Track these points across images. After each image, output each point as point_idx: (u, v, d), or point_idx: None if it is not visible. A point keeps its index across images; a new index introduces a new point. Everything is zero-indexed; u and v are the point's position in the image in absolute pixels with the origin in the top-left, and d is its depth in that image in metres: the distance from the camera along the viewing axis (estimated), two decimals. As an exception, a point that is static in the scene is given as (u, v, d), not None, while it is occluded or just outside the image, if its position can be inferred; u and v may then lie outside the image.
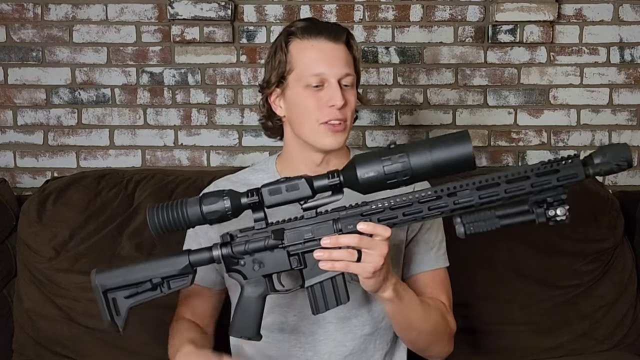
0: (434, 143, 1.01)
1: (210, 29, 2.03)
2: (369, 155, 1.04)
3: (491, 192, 1.00)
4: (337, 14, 2.06)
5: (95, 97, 2.08)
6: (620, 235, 1.77)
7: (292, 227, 1.09)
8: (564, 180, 0.98)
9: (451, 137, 1.01)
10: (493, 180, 1.00)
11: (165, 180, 1.79)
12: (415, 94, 2.10)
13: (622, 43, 2.09)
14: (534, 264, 1.72)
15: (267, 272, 1.11)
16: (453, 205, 1.02)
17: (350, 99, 1.27)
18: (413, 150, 1.01)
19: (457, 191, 1.01)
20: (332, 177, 1.07)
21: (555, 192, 0.98)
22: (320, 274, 1.09)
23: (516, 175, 0.99)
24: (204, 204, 1.07)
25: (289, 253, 1.09)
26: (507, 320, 1.70)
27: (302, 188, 1.06)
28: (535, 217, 0.99)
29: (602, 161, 0.97)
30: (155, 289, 1.12)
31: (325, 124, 1.25)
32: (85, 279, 1.65)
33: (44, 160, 2.10)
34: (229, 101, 2.09)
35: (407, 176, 1.02)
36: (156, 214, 1.07)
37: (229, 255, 1.10)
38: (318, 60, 1.26)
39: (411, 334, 1.25)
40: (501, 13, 2.02)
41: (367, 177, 1.02)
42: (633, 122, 2.12)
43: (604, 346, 1.72)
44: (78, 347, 1.66)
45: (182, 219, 1.07)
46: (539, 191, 0.98)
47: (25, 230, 1.71)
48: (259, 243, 1.09)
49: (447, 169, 1.01)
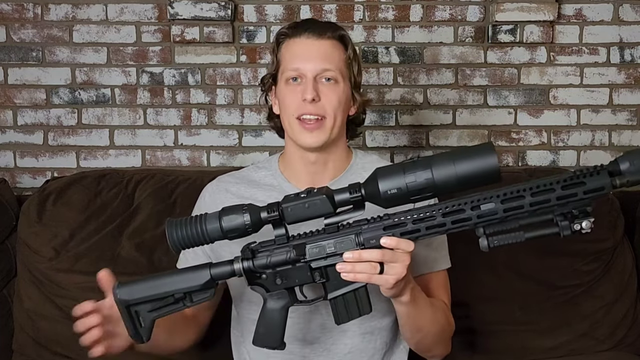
0: (457, 157, 0.98)
1: (210, 29, 2.03)
2: (392, 169, 1.01)
3: (515, 204, 0.96)
4: (337, 14, 2.06)
5: (95, 97, 2.08)
6: (620, 235, 1.77)
7: (314, 241, 1.07)
8: (590, 194, 0.95)
9: (475, 150, 0.98)
10: (518, 192, 0.96)
11: (165, 180, 1.79)
12: (415, 94, 2.10)
13: (622, 43, 2.09)
14: (534, 264, 1.72)
15: (290, 286, 1.10)
16: (477, 219, 0.99)
17: (329, 94, 1.26)
18: (437, 165, 0.98)
19: (481, 204, 0.98)
20: (354, 192, 1.05)
21: (581, 204, 0.96)
22: (343, 287, 1.08)
23: (541, 188, 0.95)
24: (223, 220, 1.06)
25: (311, 267, 1.08)
26: (507, 320, 1.70)
27: (323, 205, 1.04)
28: (559, 230, 0.96)
29: (629, 170, 0.94)
30: (178, 302, 1.12)
31: (299, 120, 1.26)
32: (85, 279, 1.66)
33: (44, 160, 2.10)
34: (229, 101, 2.09)
35: (430, 192, 0.99)
36: (175, 230, 1.06)
37: (250, 270, 1.09)
38: (296, 55, 1.28)
39: (418, 335, 1.26)
40: (501, 13, 2.02)
41: (390, 194, 1.00)
42: (633, 122, 2.12)
43: (604, 346, 1.72)
44: (78, 347, 1.63)
45: (202, 235, 1.06)
46: (564, 204, 0.96)
47: (25, 230, 1.71)
48: (280, 257, 1.08)
49: (471, 183, 0.98)
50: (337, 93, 1.27)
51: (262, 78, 1.39)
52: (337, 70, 1.28)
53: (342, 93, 1.28)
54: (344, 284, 1.07)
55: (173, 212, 1.72)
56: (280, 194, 1.32)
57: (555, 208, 0.96)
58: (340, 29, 1.32)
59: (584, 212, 0.96)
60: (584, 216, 0.96)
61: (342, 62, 1.29)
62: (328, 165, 1.33)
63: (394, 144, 2.10)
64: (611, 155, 2.12)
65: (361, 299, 1.09)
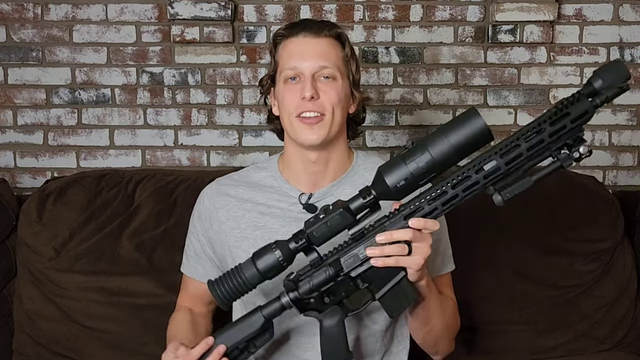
0: (448, 130, 1.01)
1: (210, 29, 2.03)
2: (393, 162, 1.04)
3: (514, 154, 1.00)
4: (337, 14, 2.06)
5: (95, 97, 2.08)
6: (620, 235, 1.77)
7: (346, 253, 1.10)
8: (577, 121, 0.98)
9: (462, 118, 1.01)
10: (513, 143, 1.00)
11: (165, 180, 1.79)
12: (415, 94, 2.10)
13: (622, 43, 2.09)
14: (534, 264, 1.72)
15: (338, 300, 1.13)
16: (484, 180, 1.02)
17: (328, 91, 1.26)
18: (432, 144, 1.01)
19: (483, 165, 1.01)
20: (366, 196, 1.07)
21: (573, 133, 0.99)
22: (387, 284, 1.10)
23: (533, 131, 0.99)
24: (258, 264, 1.09)
25: (351, 277, 1.11)
26: (507, 320, 1.70)
27: (343, 218, 1.07)
28: (561, 162, 1.00)
29: (603, 86, 0.97)
30: (243, 352, 1.15)
31: (299, 118, 1.26)
32: (85, 279, 1.66)
33: (44, 160, 2.10)
34: (229, 101, 2.09)
35: (434, 171, 1.02)
36: (218, 288, 1.10)
37: (297, 299, 1.12)
38: (294, 54, 1.28)
39: (427, 327, 1.26)
40: (501, 13, 2.02)
41: (400, 186, 1.03)
42: (633, 122, 2.12)
43: (604, 346, 1.72)
44: (78, 347, 1.66)
45: (243, 284, 1.10)
46: (557, 139, 0.99)
47: (25, 230, 1.71)
48: (321, 278, 1.11)
49: (469, 149, 1.01)
50: (336, 90, 1.27)
51: (261, 80, 1.38)
52: (335, 68, 1.27)
53: (340, 90, 1.28)
54: (387, 281, 1.10)
55: (173, 212, 1.72)
56: (280, 195, 1.33)
57: (550, 145, 0.99)
58: (337, 27, 1.31)
59: (578, 140, 1.00)
60: (579, 143, 1.00)
61: (339, 60, 1.29)
62: (329, 165, 1.32)
63: (394, 144, 2.10)
64: (611, 155, 2.12)
65: (405, 289, 1.11)
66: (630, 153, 2.13)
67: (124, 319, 1.65)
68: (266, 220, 1.31)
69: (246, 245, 1.31)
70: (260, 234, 1.30)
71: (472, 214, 1.64)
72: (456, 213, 1.39)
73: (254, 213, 1.32)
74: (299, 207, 1.31)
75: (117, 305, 1.66)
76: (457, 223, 1.39)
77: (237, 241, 1.32)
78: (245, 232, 1.32)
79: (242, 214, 1.33)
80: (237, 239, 1.32)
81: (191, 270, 1.40)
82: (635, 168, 2.13)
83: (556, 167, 1.01)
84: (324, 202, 1.30)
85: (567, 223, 1.75)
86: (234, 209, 1.34)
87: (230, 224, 1.33)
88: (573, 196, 1.78)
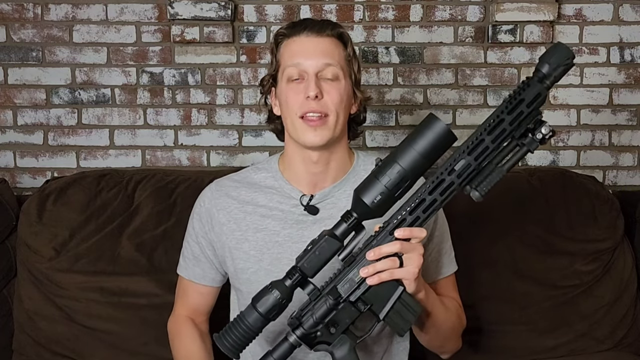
0: (412, 139, 1.05)
1: (210, 29, 2.03)
2: (367, 181, 1.07)
3: (481, 149, 1.03)
4: (337, 14, 2.06)
5: (95, 97, 2.08)
6: (620, 235, 1.77)
7: (341, 279, 1.11)
8: (533, 104, 1.02)
9: (423, 125, 1.05)
10: (477, 139, 1.04)
11: (165, 180, 1.79)
12: (415, 94, 2.10)
13: (622, 43, 2.09)
14: (534, 264, 1.72)
15: (344, 328, 1.13)
16: (458, 179, 1.05)
17: (331, 91, 1.25)
18: (399, 156, 1.05)
19: (454, 165, 1.05)
20: (348, 219, 1.09)
21: (531, 117, 1.03)
22: (389, 302, 1.11)
23: (493, 123, 1.03)
24: (258, 307, 1.09)
25: (351, 302, 1.11)
26: (507, 320, 1.70)
27: (330, 244, 1.08)
28: (527, 147, 1.04)
29: (550, 70, 1.02)
30: None
31: (303, 119, 1.25)
32: (85, 279, 1.66)
33: (44, 160, 2.10)
34: (229, 101, 2.09)
35: (407, 180, 1.05)
36: (225, 341, 1.11)
37: (304, 335, 1.12)
38: (297, 53, 1.27)
39: (431, 330, 1.26)
40: (501, 13, 2.02)
41: (377, 201, 1.05)
42: (633, 122, 2.12)
43: (604, 346, 1.73)
44: (78, 347, 1.66)
45: (248, 330, 1.10)
46: (517, 125, 1.03)
47: (25, 230, 1.71)
48: (322, 309, 1.11)
49: (435, 153, 1.05)
50: (339, 90, 1.26)
51: (262, 80, 1.37)
52: (338, 66, 1.27)
53: (343, 90, 1.27)
54: (387, 299, 1.11)
55: (173, 212, 1.72)
56: (281, 197, 1.32)
57: (513, 133, 1.03)
58: (339, 27, 1.31)
59: (538, 122, 1.04)
60: (540, 124, 1.03)
61: (342, 59, 1.28)
62: (330, 166, 1.31)
63: (394, 144, 2.10)
64: (611, 155, 2.12)
65: (408, 303, 1.11)
66: (630, 153, 2.13)
67: (124, 319, 1.65)
68: (267, 223, 1.31)
69: (247, 247, 1.30)
70: (262, 236, 1.30)
71: (472, 214, 1.65)
72: (456, 213, 1.41)
73: (255, 215, 1.32)
74: (300, 209, 1.30)
75: (117, 305, 1.66)
76: (457, 224, 1.39)
77: (238, 243, 1.31)
78: (246, 234, 1.31)
79: (242, 216, 1.32)
80: (238, 241, 1.31)
81: (189, 272, 1.39)
82: (635, 168, 2.13)
83: (524, 152, 1.04)
84: (325, 204, 1.30)
85: (567, 223, 1.75)
86: (235, 210, 1.33)
87: (231, 226, 1.32)
88: (573, 196, 1.78)
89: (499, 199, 1.74)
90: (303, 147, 1.28)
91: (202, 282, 1.37)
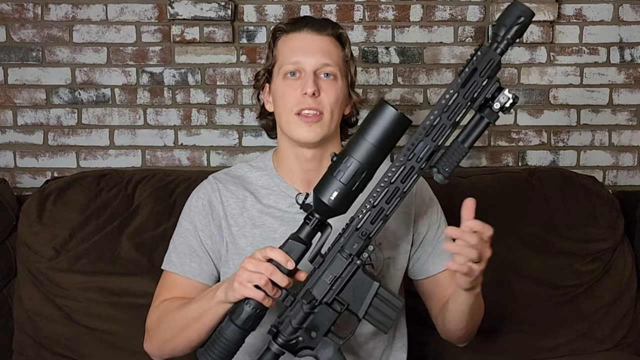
0: (363, 131, 1.03)
1: (210, 29, 2.03)
2: (323, 180, 1.07)
3: (438, 129, 1.01)
4: (337, 14, 2.06)
5: (95, 97, 2.08)
6: (620, 235, 1.77)
7: (314, 282, 1.10)
8: (487, 72, 0.98)
9: (373, 113, 1.03)
10: (434, 119, 1.01)
11: (165, 180, 1.79)
12: (415, 94, 2.10)
13: (622, 43, 2.09)
14: (534, 264, 1.72)
15: (325, 331, 1.12)
16: (417, 163, 1.03)
17: (328, 90, 1.25)
18: (352, 148, 1.04)
19: (413, 150, 1.03)
20: (310, 220, 1.08)
21: (488, 87, 0.99)
22: (364, 298, 1.10)
23: (448, 100, 1.00)
24: (234, 319, 1.08)
25: (327, 304, 1.10)
26: (507, 320, 1.70)
27: (295, 247, 1.07)
28: (487, 119, 1.00)
29: (504, 31, 0.98)
30: None
31: (298, 115, 1.24)
32: (85, 279, 1.66)
33: (44, 160, 2.10)
34: (229, 101, 2.09)
35: (363, 172, 1.04)
36: (208, 356, 1.10)
37: (285, 343, 1.11)
38: (296, 50, 1.27)
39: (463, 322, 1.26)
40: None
41: (334, 198, 1.04)
42: (633, 122, 2.12)
43: (604, 346, 1.73)
44: (78, 347, 1.66)
45: (229, 343, 1.09)
46: (475, 97, 0.99)
47: (25, 230, 1.71)
48: (299, 315, 1.10)
49: (389, 141, 1.03)
50: (336, 89, 1.26)
51: (257, 74, 1.36)
52: (336, 67, 1.27)
53: (340, 90, 1.27)
54: (362, 296, 1.09)
55: (173, 212, 1.72)
56: (278, 196, 1.32)
57: (472, 105, 0.99)
58: (338, 27, 1.31)
59: (497, 89, 0.99)
60: (498, 92, 0.99)
61: (340, 60, 1.28)
62: (323, 164, 1.29)
63: (394, 144, 2.10)
64: (611, 155, 2.12)
65: (386, 297, 1.10)
66: (630, 153, 2.13)
67: (124, 319, 1.65)
68: (265, 219, 1.31)
69: (244, 242, 1.30)
70: (259, 232, 1.30)
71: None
72: (456, 213, 1.40)
73: (252, 211, 1.32)
74: (296, 208, 1.28)
75: (117, 305, 1.66)
76: (457, 223, 1.39)
77: (235, 238, 1.31)
78: (244, 229, 1.31)
79: (240, 211, 1.32)
80: (235, 237, 1.31)
81: (185, 268, 1.33)
82: (635, 168, 2.13)
83: (484, 125, 1.01)
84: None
85: (567, 223, 1.75)
86: (232, 205, 1.33)
87: (229, 221, 1.32)
88: (573, 196, 1.78)
89: (499, 199, 1.74)
90: (296, 145, 1.28)
91: (198, 278, 1.33)
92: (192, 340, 1.22)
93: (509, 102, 0.98)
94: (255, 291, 1.06)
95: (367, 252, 1.09)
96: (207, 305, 1.17)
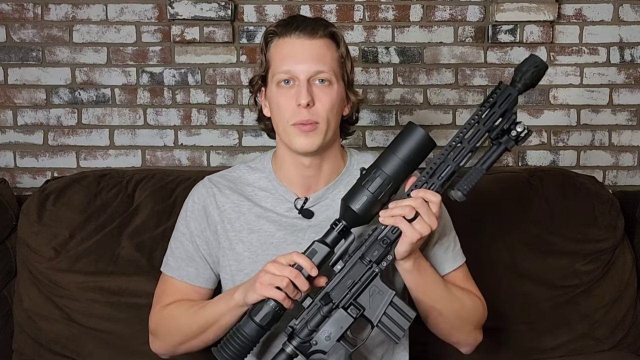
0: (394, 146, 1.12)
1: (210, 29, 2.04)
2: (352, 190, 1.14)
3: (460, 152, 1.11)
4: (337, 14, 2.06)
5: (95, 97, 2.08)
6: (620, 235, 1.77)
7: (333, 286, 1.14)
8: (505, 105, 1.10)
9: (404, 133, 1.12)
10: (456, 143, 1.11)
11: (165, 180, 1.79)
12: (415, 94, 2.10)
13: (622, 43, 2.09)
14: (534, 264, 1.72)
15: (339, 335, 1.14)
16: (439, 181, 1.12)
17: (323, 97, 1.22)
18: (383, 163, 1.12)
19: (436, 168, 1.12)
20: (336, 226, 1.14)
21: (506, 119, 1.10)
22: (379, 305, 1.14)
23: (470, 128, 1.11)
24: (255, 317, 1.11)
25: (344, 308, 1.14)
26: (507, 320, 1.70)
27: (321, 250, 1.13)
28: (504, 145, 1.11)
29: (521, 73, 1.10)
30: None
31: (295, 125, 1.22)
32: (85, 279, 1.66)
33: (44, 160, 2.10)
34: (229, 101, 2.09)
35: (390, 183, 1.11)
36: (224, 353, 1.13)
37: (300, 344, 1.13)
38: (287, 57, 1.23)
39: (433, 313, 1.25)
40: (501, 13, 2.02)
41: (362, 206, 1.11)
42: (633, 122, 2.12)
43: (604, 346, 1.72)
44: (78, 347, 1.66)
45: (246, 340, 1.12)
46: (493, 127, 1.11)
47: (25, 230, 1.71)
48: (316, 317, 1.14)
49: (416, 159, 1.12)
50: (331, 96, 1.23)
51: (251, 80, 1.34)
52: (330, 72, 1.23)
53: (336, 95, 1.24)
54: (378, 303, 1.14)
55: (173, 212, 1.72)
56: (276, 200, 1.31)
57: (490, 134, 1.11)
58: (331, 26, 1.27)
59: (512, 122, 1.10)
60: (515, 124, 1.10)
61: (335, 62, 1.25)
62: (323, 168, 1.29)
63: (394, 144, 2.10)
64: (611, 155, 2.12)
65: (400, 307, 1.14)
66: (630, 153, 2.13)
67: (124, 319, 1.65)
68: (262, 224, 1.30)
69: (241, 248, 1.29)
70: (256, 237, 1.29)
71: (472, 214, 1.65)
72: (456, 213, 1.41)
73: (250, 215, 1.30)
74: (294, 212, 1.29)
75: (117, 305, 1.66)
76: (457, 223, 1.39)
77: (232, 244, 1.30)
78: (240, 234, 1.30)
79: (237, 216, 1.30)
80: (232, 242, 1.30)
81: (182, 273, 1.33)
82: (635, 168, 2.13)
83: (501, 150, 1.11)
84: (320, 206, 1.30)
85: (567, 223, 1.75)
86: (229, 210, 1.31)
87: (225, 226, 1.31)
88: (573, 196, 1.78)
89: (499, 199, 1.74)
90: (295, 152, 1.26)
91: (196, 283, 1.33)
92: (209, 340, 1.26)
93: (524, 132, 1.10)
94: (277, 292, 1.10)
95: (385, 261, 1.14)
96: (224, 308, 1.20)
